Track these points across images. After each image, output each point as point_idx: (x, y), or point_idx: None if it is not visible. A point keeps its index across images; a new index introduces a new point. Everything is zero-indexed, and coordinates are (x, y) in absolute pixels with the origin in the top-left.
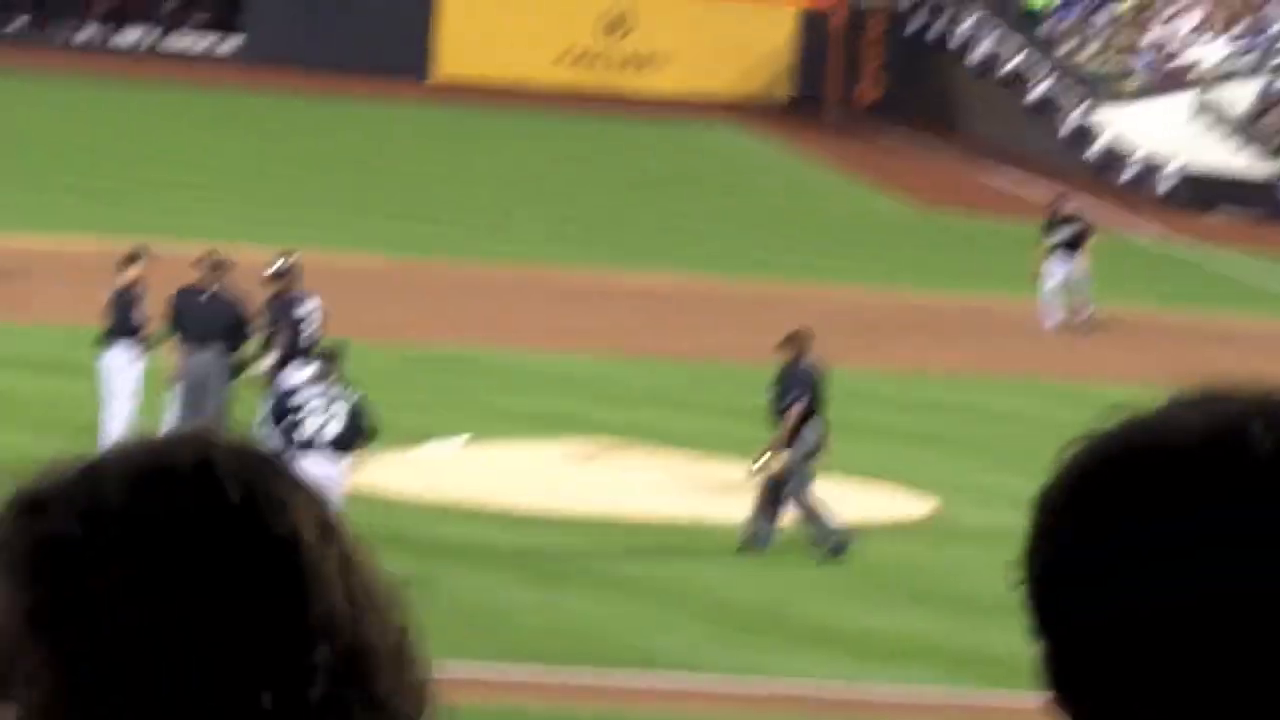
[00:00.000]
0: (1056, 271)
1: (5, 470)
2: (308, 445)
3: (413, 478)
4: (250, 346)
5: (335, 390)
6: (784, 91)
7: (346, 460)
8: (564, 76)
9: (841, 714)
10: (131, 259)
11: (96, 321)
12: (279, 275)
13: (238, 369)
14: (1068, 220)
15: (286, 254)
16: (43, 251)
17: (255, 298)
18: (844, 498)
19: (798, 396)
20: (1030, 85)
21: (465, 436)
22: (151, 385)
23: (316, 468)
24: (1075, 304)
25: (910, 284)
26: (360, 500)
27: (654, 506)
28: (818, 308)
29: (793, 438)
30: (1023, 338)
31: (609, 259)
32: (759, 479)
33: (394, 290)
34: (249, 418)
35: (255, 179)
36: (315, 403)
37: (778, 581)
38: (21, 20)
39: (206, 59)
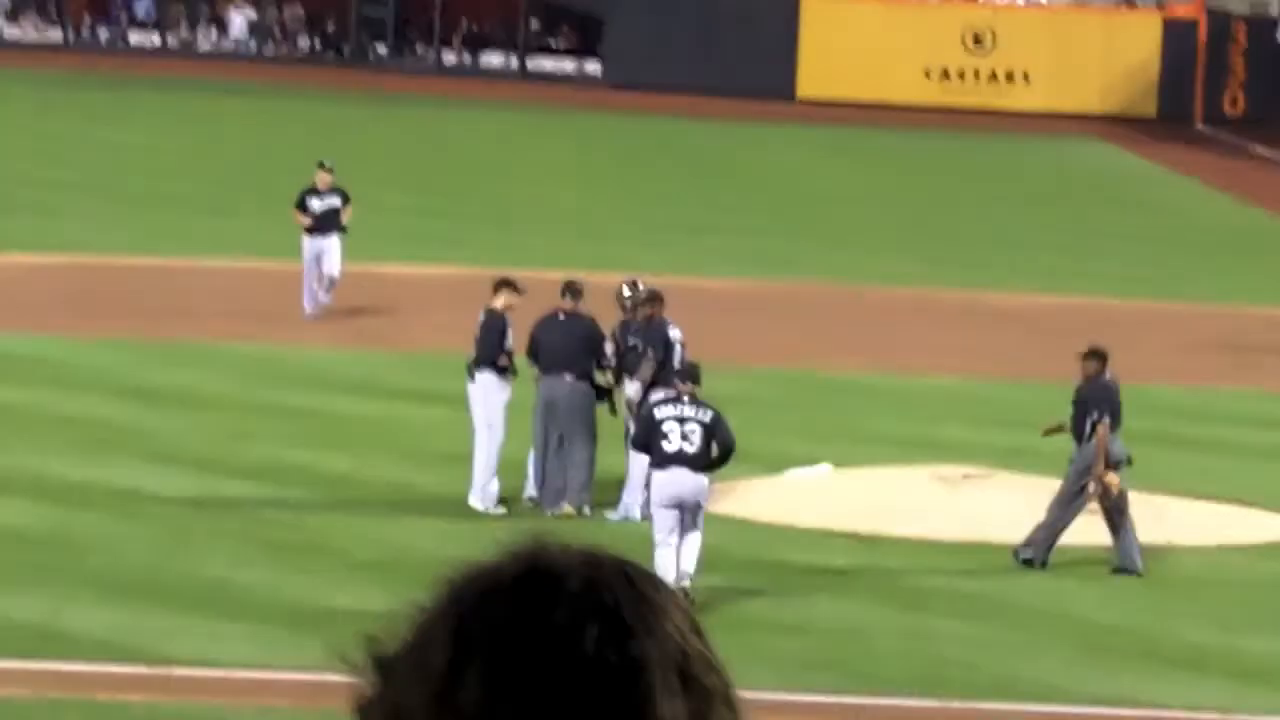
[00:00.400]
0: None
1: (380, 500)
2: (670, 461)
3: (777, 502)
4: (608, 372)
5: (695, 408)
6: (1150, 105)
7: (707, 477)
8: (929, 94)
9: None
10: (501, 285)
11: (465, 349)
12: (648, 300)
13: (601, 393)
14: None
15: (634, 280)
16: (414, 277)
17: (610, 321)
18: (1217, 518)
19: (1102, 414)
20: None
21: (827, 465)
22: (520, 413)
23: (679, 484)
24: None
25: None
26: (725, 524)
27: (1022, 530)
28: (1190, 322)
29: (1106, 456)
30: None
31: (985, 279)
32: (1101, 503)
33: (762, 312)
34: (614, 441)
35: (625, 202)
36: (674, 421)
37: (1147, 605)
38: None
39: (570, 81)
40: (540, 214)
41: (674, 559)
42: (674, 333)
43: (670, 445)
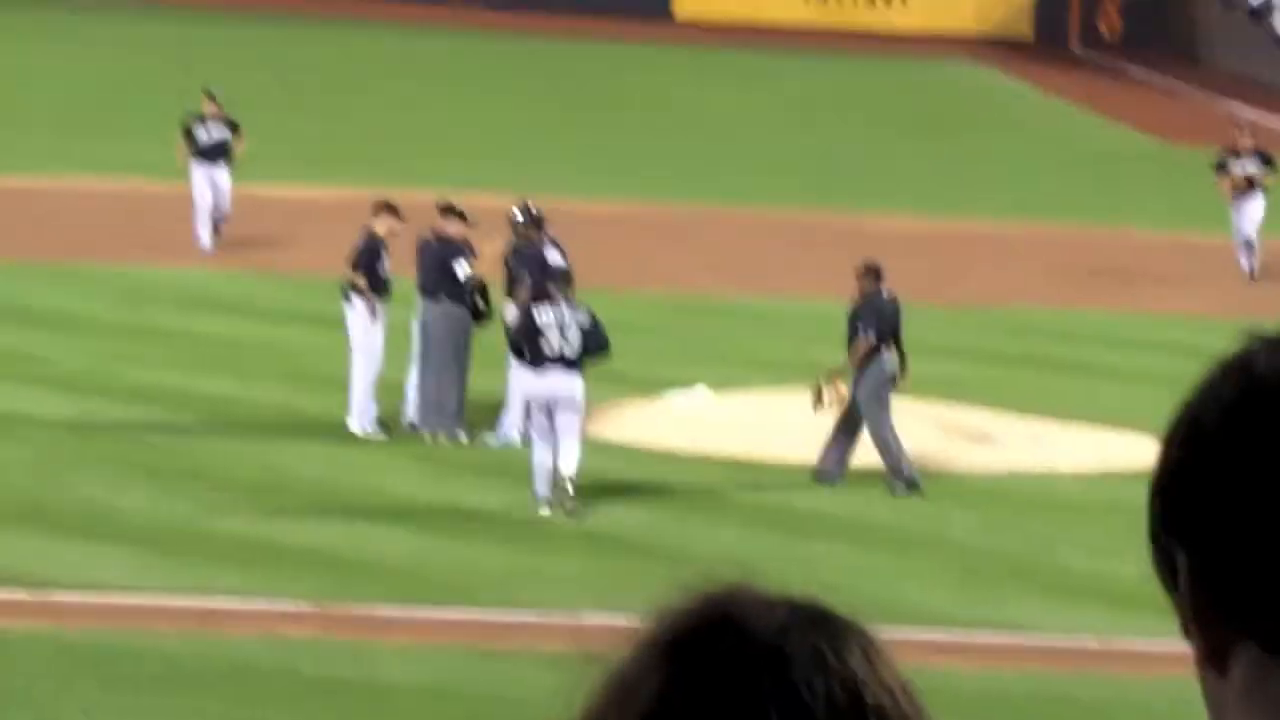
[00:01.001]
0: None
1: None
2: (549, 362)
3: (654, 426)
4: (480, 296)
5: (571, 311)
6: (1027, 26)
7: (581, 377)
8: (805, 14)
9: (1096, 667)
10: (382, 208)
11: (343, 272)
12: (526, 225)
13: (477, 314)
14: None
15: (525, 203)
16: (291, 199)
17: (484, 244)
18: (1094, 443)
19: (867, 328)
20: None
21: (704, 388)
22: (398, 335)
23: (557, 384)
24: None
25: (1157, 221)
26: (602, 448)
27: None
28: (1069, 245)
29: (862, 369)
30: None
31: (856, 201)
32: (834, 411)
33: (639, 235)
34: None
35: (501, 125)
36: (553, 323)
37: (1027, 530)
38: None
39: (447, 2)
40: (417, 135)
41: (550, 457)
42: (552, 255)
43: (550, 348)
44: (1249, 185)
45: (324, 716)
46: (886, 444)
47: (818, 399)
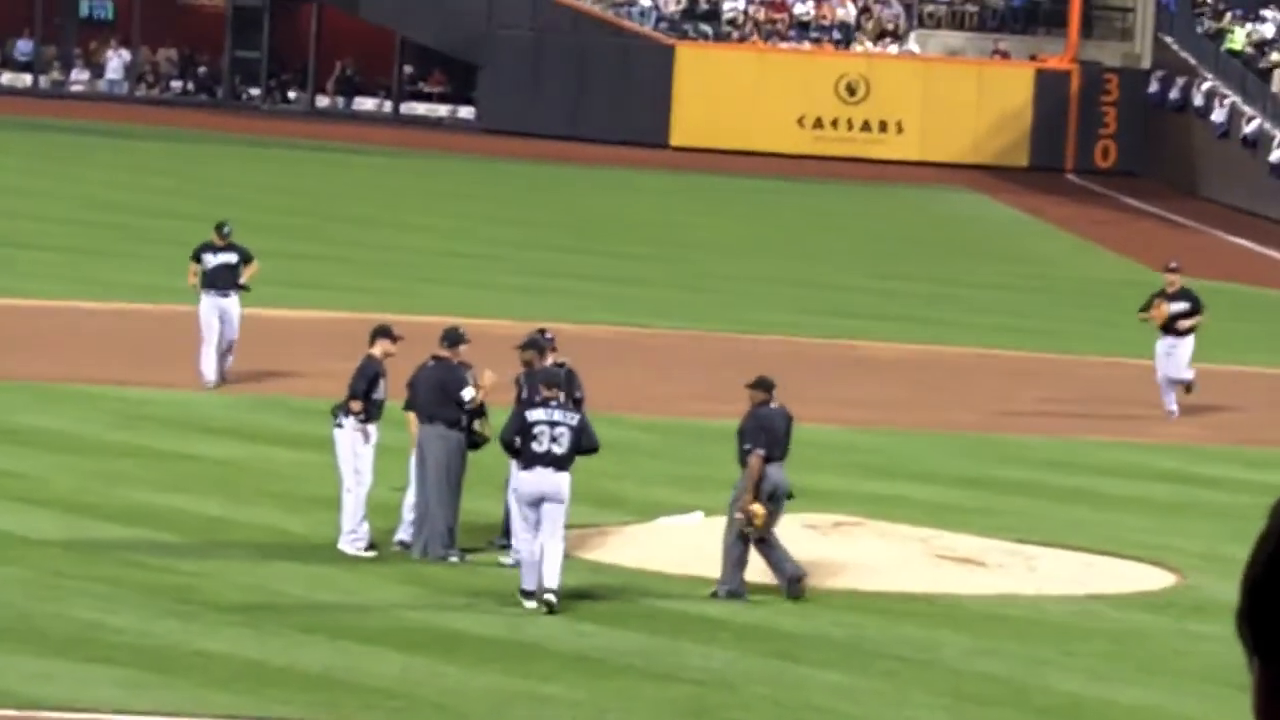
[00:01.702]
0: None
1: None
2: (538, 461)
3: (649, 550)
4: (479, 420)
5: (563, 413)
6: (1022, 155)
7: (569, 476)
8: (801, 143)
9: None
10: (378, 334)
11: (334, 394)
12: (528, 348)
13: (474, 440)
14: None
15: (541, 330)
16: (287, 321)
17: (483, 371)
18: (1086, 568)
19: (756, 444)
20: (1275, 146)
21: (699, 513)
22: (390, 456)
23: (544, 482)
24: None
25: (1152, 351)
26: (596, 570)
27: (893, 577)
28: (1064, 374)
29: (759, 486)
30: (1276, 408)
31: (856, 329)
32: (745, 531)
33: (635, 360)
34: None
35: (499, 250)
36: (545, 424)
37: (1018, 654)
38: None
39: (444, 126)
40: (415, 260)
41: (535, 547)
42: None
43: (540, 446)
44: (1177, 327)
45: None
46: (738, 556)
47: (748, 524)
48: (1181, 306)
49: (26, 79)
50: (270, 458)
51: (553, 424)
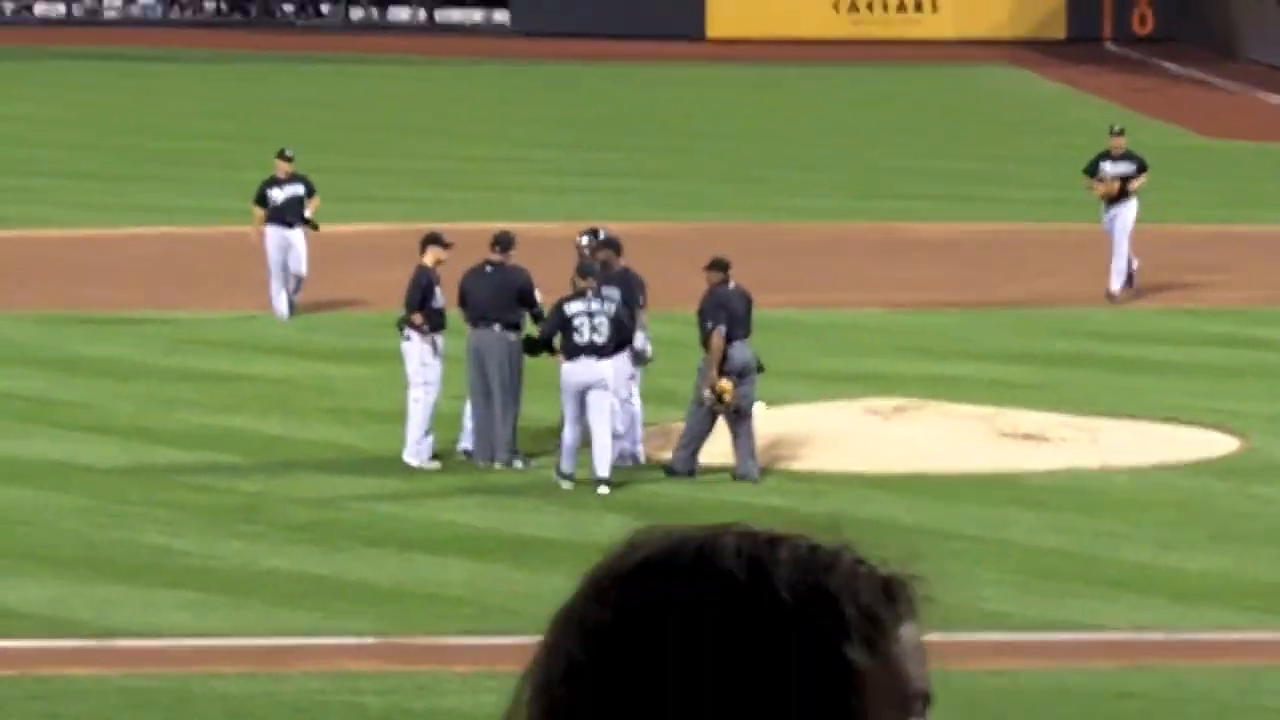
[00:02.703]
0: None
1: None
2: (580, 352)
3: (711, 443)
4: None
5: (600, 302)
6: (1059, 26)
7: (612, 362)
8: (838, 26)
9: (1162, 660)
10: (428, 242)
11: (390, 306)
12: (604, 247)
13: (530, 344)
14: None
15: (598, 229)
16: (335, 236)
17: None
18: (1149, 438)
19: (715, 322)
20: None
21: (760, 404)
22: (455, 365)
23: (588, 371)
24: None
25: (1197, 215)
26: (655, 467)
27: (960, 459)
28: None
29: (723, 363)
30: None
31: (897, 210)
32: (716, 409)
33: (683, 254)
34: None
35: (540, 152)
36: (584, 315)
37: (1087, 528)
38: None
39: (479, 31)
40: (457, 167)
41: (577, 438)
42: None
43: (581, 337)
44: (1122, 189)
45: None
46: (698, 433)
47: (719, 401)
48: (1128, 168)
49: (60, 8)
50: (325, 374)
51: (591, 314)
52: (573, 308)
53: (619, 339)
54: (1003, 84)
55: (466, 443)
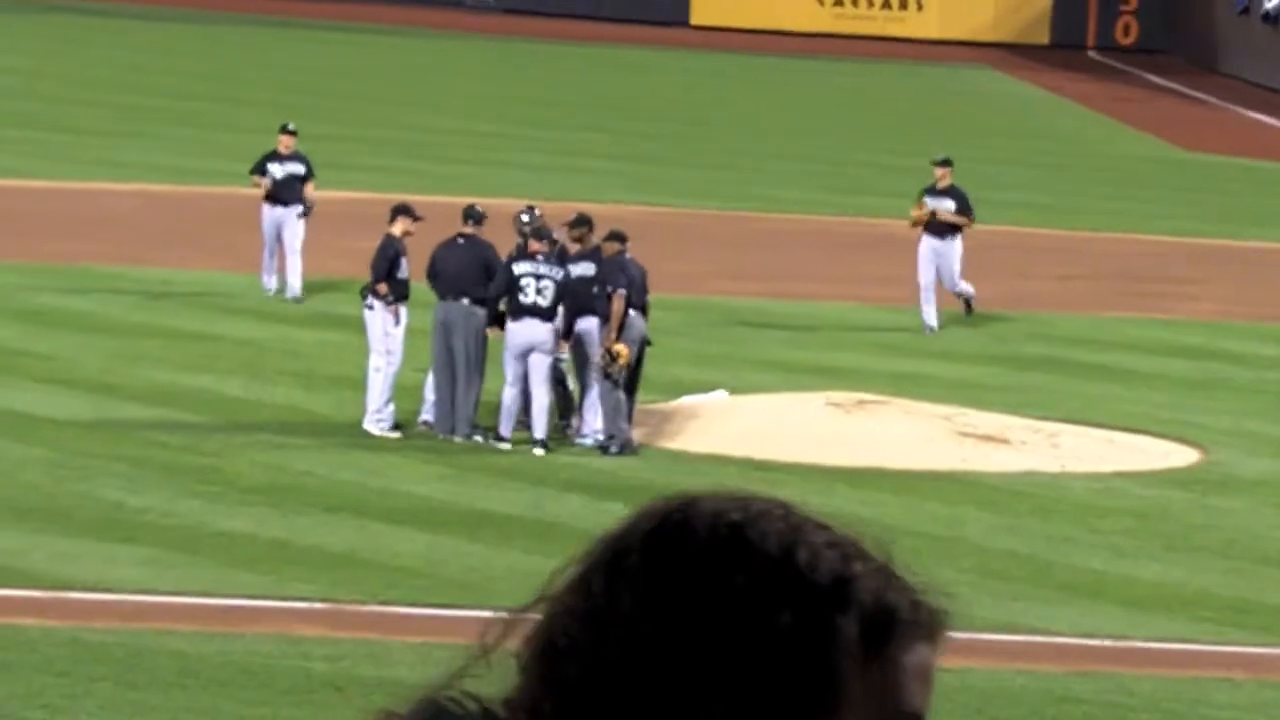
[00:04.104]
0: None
1: (274, 424)
2: (524, 313)
3: (672, 429)
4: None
5: (549, 266)
6: (1043, 32)
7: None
8: (822, 21)
9: (1113, 667)
10: (398, 212)
11: (359, 274)
12: (578, 225)
13: (497, 319)
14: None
15: (534, 207)
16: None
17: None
18: (1109, 445)
19: (616, 285)
20: None
21: (723, 391)
22: (417, 336)
23: (531, 332)
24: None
25: (1173, 227)
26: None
27: (916, 455)
28: (1087, 251)
29: (620, 327)
30: None
31: (877, 206)
32: (604, 370)
33: (657, 239)
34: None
35: (518, 130)
36: (530, 277)
37: (1041, 531)
38: None
39: (463, 6)
40: (434, 140)
41: (518, 401)
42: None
43: (526, 298)
44: (945, 226)
45: (338, 714)
46: (619, 403)
47: (612, 362)
48: (948, 205)
49: None
50: (291, 338)
51: (538, 277)
52: (521, 268)
53: (572, 308)
54: (984, 86)
55: (427, 415)
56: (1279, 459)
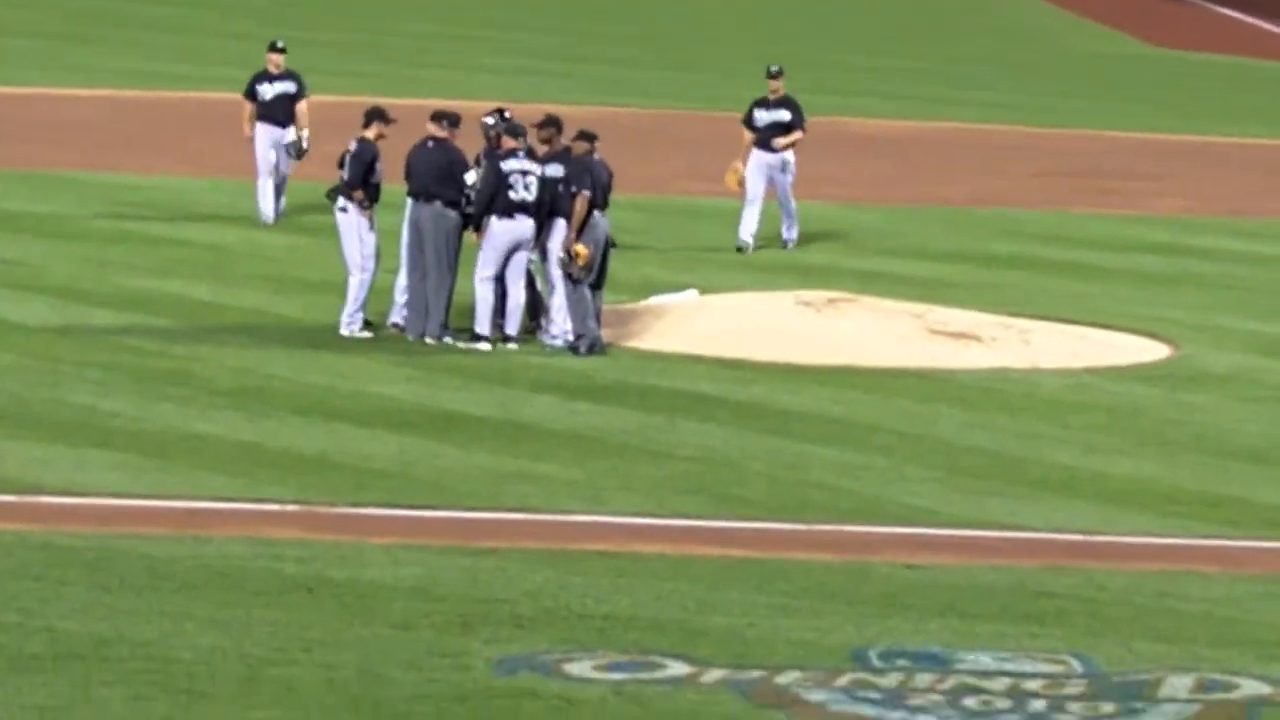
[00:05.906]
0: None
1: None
2: (515, 209)
3: (644, 328)
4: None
5: (532, 163)
6: None
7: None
8: None
9: (1085, 562)
10: (372, 116)
11: (330, 178)
12: (546, 126)
13: (469, 221)
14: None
15: (503, 110)
16: None
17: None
18: (1080, 341)
19: (581, 186)
20: None
21: (694, 291)
22: (390, 239)
23: (520, 229)
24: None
25: (1140, 124)
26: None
27: (886, 355)
28: (1055, 149)
29: (582, 227)
30: (1273, 177)
31: (851, 106)
32: (565, 268)
33: (628, 140)
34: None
35: (482, 34)
36: (518, 174)
37: (1013, 428)
38: None
39: None
40: (402, 43)
41: (492, 296)
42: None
43: (516, 194)
44: (778, 139)
45: (310, 616)
46: (585, 301)
47: (571, 261)
48: (782, 116)
49: None
50: (260, 241)
51: (524, 172)
52: (508, 165)
53: (552, 207)
54: None
55: (397, 316)
56: (1248, 353)
